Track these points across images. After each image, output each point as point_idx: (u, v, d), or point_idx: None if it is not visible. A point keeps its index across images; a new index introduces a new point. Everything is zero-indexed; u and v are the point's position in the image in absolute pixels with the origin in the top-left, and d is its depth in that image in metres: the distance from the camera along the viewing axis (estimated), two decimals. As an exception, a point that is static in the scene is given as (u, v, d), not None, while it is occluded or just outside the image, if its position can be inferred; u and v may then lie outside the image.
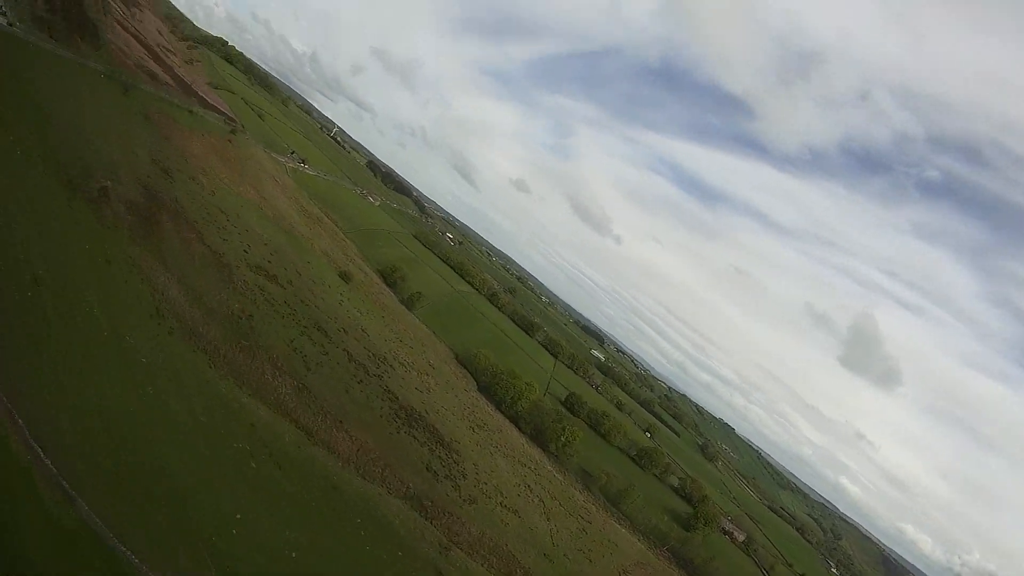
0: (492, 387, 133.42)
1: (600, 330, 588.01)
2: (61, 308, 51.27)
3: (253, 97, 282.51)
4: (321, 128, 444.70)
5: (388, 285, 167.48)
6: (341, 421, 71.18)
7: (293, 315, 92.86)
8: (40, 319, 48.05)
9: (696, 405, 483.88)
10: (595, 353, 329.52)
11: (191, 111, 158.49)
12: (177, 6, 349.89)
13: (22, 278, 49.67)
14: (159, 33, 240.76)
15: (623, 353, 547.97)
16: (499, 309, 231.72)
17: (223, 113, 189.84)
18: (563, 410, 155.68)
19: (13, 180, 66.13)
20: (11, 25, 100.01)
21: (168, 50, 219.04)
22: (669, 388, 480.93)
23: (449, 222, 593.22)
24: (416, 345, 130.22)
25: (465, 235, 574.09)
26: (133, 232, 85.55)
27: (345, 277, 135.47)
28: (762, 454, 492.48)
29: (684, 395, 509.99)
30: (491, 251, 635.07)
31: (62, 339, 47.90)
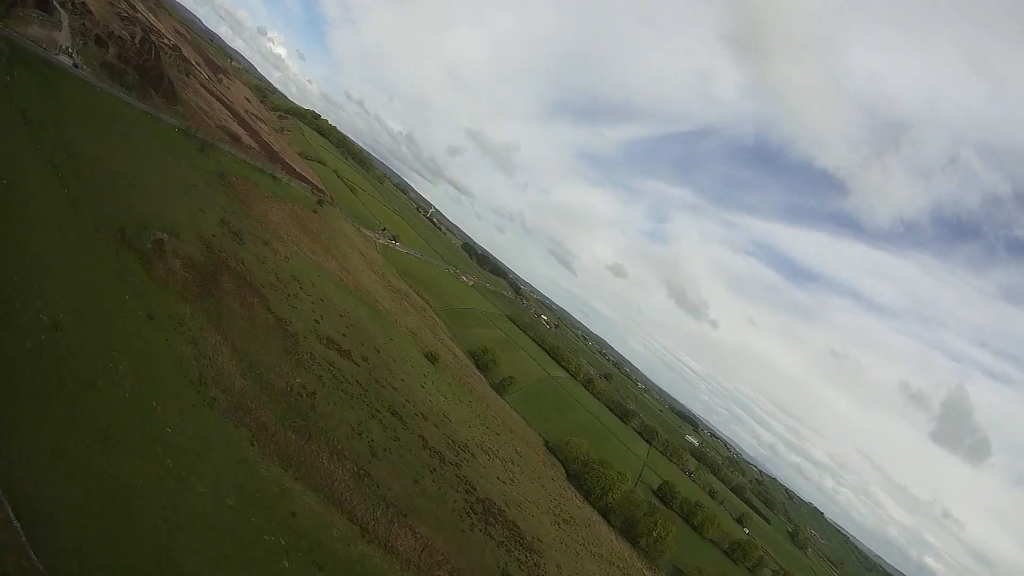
0: (582, 476, 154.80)
1: (695, 415, 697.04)
2: (78, 360, 52.41)
3: (346, 171, 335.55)
4: (417, 208, 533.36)
5: (479, 368, 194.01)
6: (405, 515, 74.76)
7: (364, 396, 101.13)
8: (49, 368, 48.30)
9: (786, 489, 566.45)
10: (689, 438, 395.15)
11: (275, 177, 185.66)
12: (271, 80, 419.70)
13: (37, 321, 51.01)
14: (247, 100, 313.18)
15: (716, 438, 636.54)
16: (594, 396, 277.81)
17: (311, 183, 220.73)
18: (656, 502, 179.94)
19: (54, 223, 74.20)
20: (76, 67, 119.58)
21: (257, 117, 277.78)
22: (760, 472, 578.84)
23: (545, 305, 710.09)
24: (504, 432, 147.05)
25: (561, 318, 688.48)
26: (186, 289, 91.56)
27: (431, 358, 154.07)
28: (850, 539, 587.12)
29: (775, 479, 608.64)
30: (587, 335, 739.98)
31: (72, 395, 48.11)
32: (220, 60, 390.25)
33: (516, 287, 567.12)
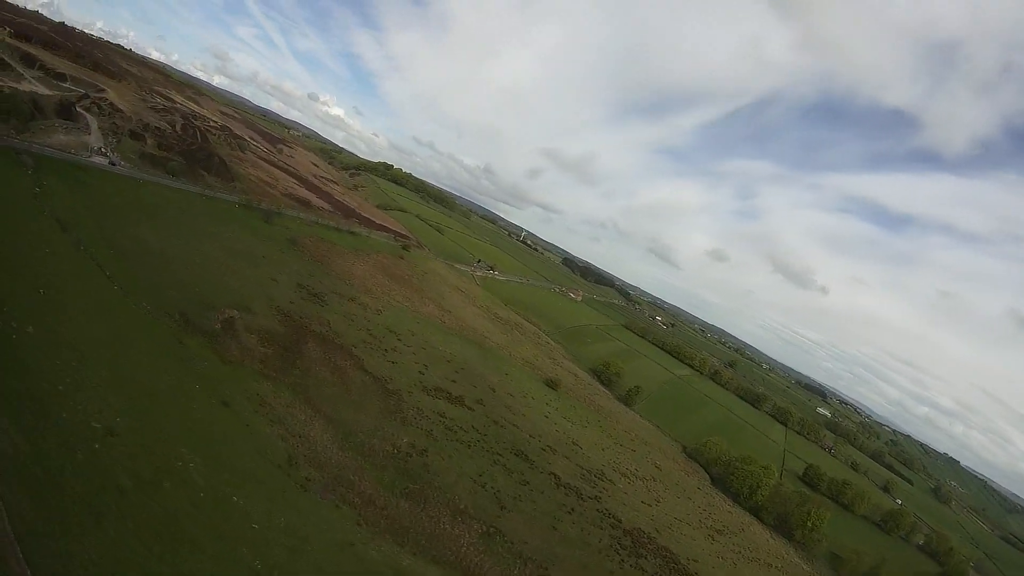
0: (726, 478, 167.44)
1: (821, 385, 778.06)
2: (139, 463, 53.97)
3: (428, 214, 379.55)
4: (509, 234, 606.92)
5: (603, 384, 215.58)
6: (546, 568, 76.69)
7: (483, 441, 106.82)
8: (103, 478, 49.68)
9: (920, 444, 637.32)
10: (821, 411, 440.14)
11: (353, 232, 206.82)
12: (336, 141, 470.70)
13: (89, 429, 53.43)
14: (314, 165, 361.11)
15: (846, 404, 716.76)
16: (722, 387, 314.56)
17: (392, 231, 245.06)
18: (804, 489, 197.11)
19: (102, 320, 79.37)
20: (113, 164, 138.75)
21: (327, 179, 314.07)
22: (893, 431, 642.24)
23: (657, 305, 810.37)
24: (639, 447, 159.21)
25: (675, 316, 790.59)
26: (266, 366, 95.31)
27: (552, 384, 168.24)
28: (988, 482, 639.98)
29: (908, 435, 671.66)
30: (704, 328, 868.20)
31: (133, 502, 48.93)
32: (277, 132, 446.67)
33: (625, 293, 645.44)
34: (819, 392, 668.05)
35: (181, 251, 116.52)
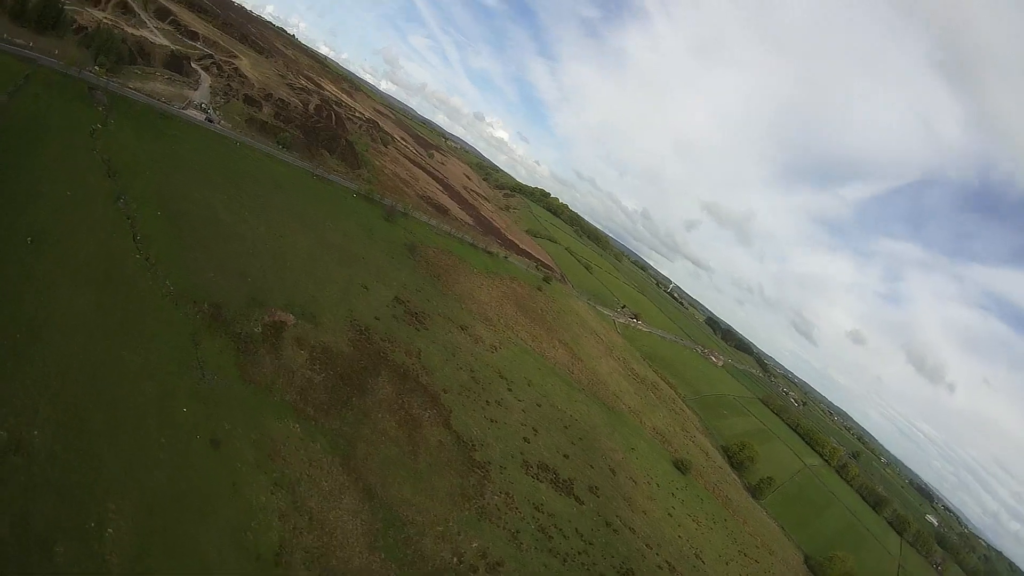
0: None
1: (928, 485, 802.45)
2: (34, 514, 46.19)
3: (580, 249, 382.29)
4: (657, 284, 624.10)
5: (734, 467, 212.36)
6: None
7: (585, 554, 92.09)
8: None
9: (1009, 562, 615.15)
10: (929, 518, 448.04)
11: (490, 252, 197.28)
12: (497, 164, 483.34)
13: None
14: (467, 177, 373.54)
15: (949, 511, 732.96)
16: (848, 483, 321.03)
17: (537, 260, 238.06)
18: None
19: (97, 291, 69.97)
20: (209, 121, 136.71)
21: (477, 194, 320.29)
22: (987, 545, 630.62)
23: (788, 379, 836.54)
24: (764, 557, 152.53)
25: (805, 393, 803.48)
26: (305, 398, 78.37)
27: (683, 467, 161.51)
28: None
29: (999, 552, 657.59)
30: (830, 409, 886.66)
31: None
32: (432, 139, 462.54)
33: (763, 364, 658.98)
34: (927, 494, 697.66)
35: (254, 229, 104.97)
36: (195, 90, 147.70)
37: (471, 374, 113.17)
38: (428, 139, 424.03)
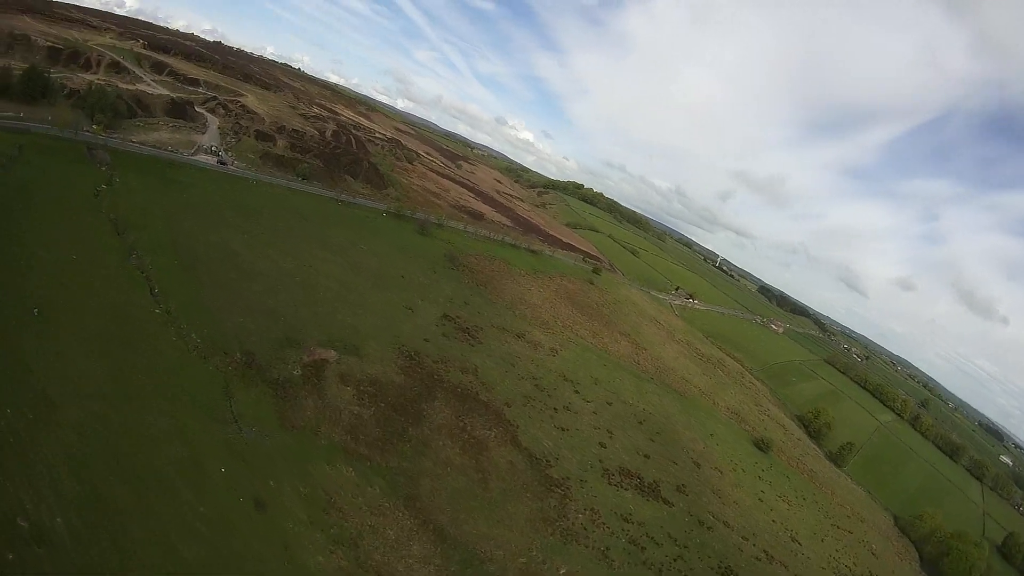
0: (938, 560, 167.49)
1: (995, 424, 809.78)
2: None
3: (622, 235, 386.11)
4: (704, 259, 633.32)
5: (811, 437, 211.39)
6: None
7: (682, 559, 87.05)
8: None
9: None
10: (1004, 459, 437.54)
11: (533, 251, 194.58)
12: (527, 165, 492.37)
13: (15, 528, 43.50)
14: (498, 181, 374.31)
15: (1020, 448, 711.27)
16: (922, 434, 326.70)
17: (582, 251, 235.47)
18: (1006, 566, 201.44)
19: (114, 354, 65.69)
20: (222, 164, 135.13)
21: (511, 196, 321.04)
22: None
23: (848, 336, 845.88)
24: (856, 526, 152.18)
25: (865, 347, 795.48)
26: (355, 437, 72.80)
27: (763, 445, 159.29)
28: None
29: None
30: (891, 359, 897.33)
31: None
32: (458, 150, 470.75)
33: (820, 324, 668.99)
34: (995, 433, 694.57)
35: (279, 265, 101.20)
36: (203, 134, 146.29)
37: (534, 382, 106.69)
38: (454, 151, 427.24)
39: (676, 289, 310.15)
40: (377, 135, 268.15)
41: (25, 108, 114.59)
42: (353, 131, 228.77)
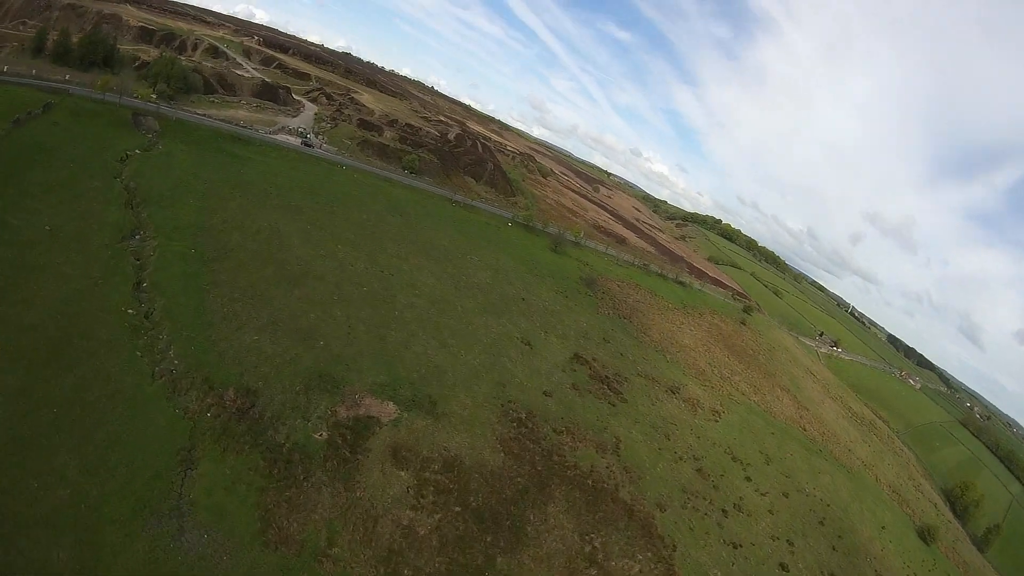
0: None
1: None
2: None
3: (763, 274, 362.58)
4: (838, 304, 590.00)
5: (955, 514, 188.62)
6: None
7: None
8: None
9: None
10: None
11: (682, 283, 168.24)
12: (660, 198, 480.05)
13: None
14: (636, 209, 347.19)
15: None
16: None
17: (730, 288, 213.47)
18: None
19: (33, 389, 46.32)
20: (307, 145, 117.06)
21: (650, 225, 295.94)
22: None
23: (969, 392, 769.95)
24: None
25: (985, 407, 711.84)
26: (396, 567, 44.29)
27: (927, 536, 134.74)
28: None
29: None
30: (1007, 420, 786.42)
31: None
32: (595, 174, 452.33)
33: (945, 379, 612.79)
34: None
35: (346, 265, 74.65)
36: (294, 117, 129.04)
37: (695, 464, 74.04)
38: (590, 174, 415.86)
39: (820, 335, 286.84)
40: (508, 148, 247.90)
41: (81, 75, 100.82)
42: (480, 140, 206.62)
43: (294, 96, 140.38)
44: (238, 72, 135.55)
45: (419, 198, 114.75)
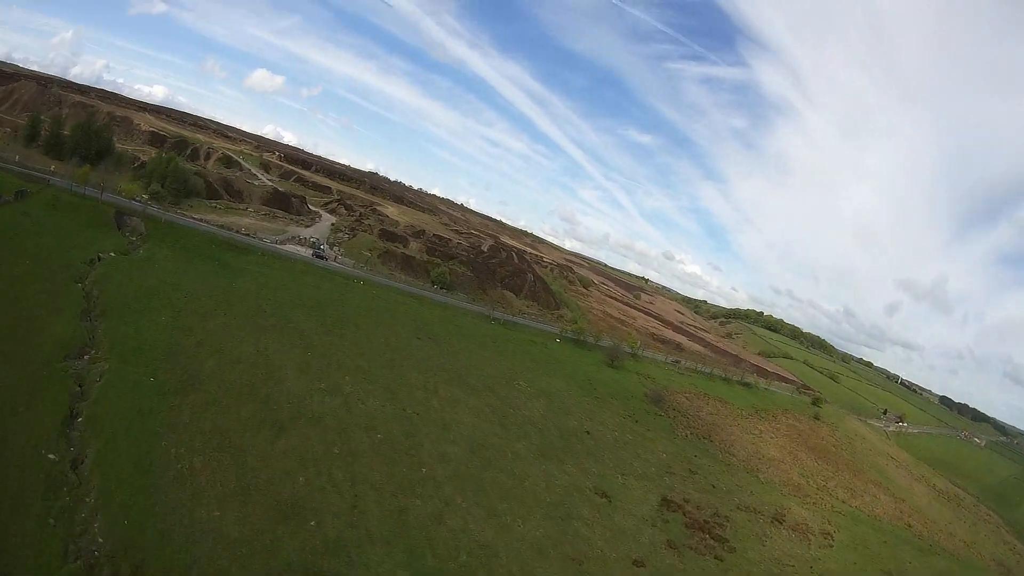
0: None
1: None
2: None
3: (815, 360, 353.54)
4: (887, 377, 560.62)
5: None
6: None
7: None
8: None
9: None
10: None
11: (745, 384, 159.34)
12: (695, 299, 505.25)
13: None
14: (679, 312, 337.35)
15: None
16: None
17: (792, 381, 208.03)
18: None
19: None
20: (319, 257, 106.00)
21: (695, 326, 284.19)
22: None
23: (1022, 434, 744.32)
24: None
25: None
26: None
27: None
28: None
29: None
30: None
31: None
32: (632, 281, 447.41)
33: (1001, 428, 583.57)
34: None
35: (354, 404, 56.78)
36: (307, 227, 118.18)
37: None
38: (627, 281, 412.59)
39: (884, 412, 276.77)
40: (545, 259, 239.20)
41: (74, 169, 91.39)
42: (515, 252, 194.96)
43: (309, 206, 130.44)
44: (248, 180, 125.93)
45: (451, 316, 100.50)
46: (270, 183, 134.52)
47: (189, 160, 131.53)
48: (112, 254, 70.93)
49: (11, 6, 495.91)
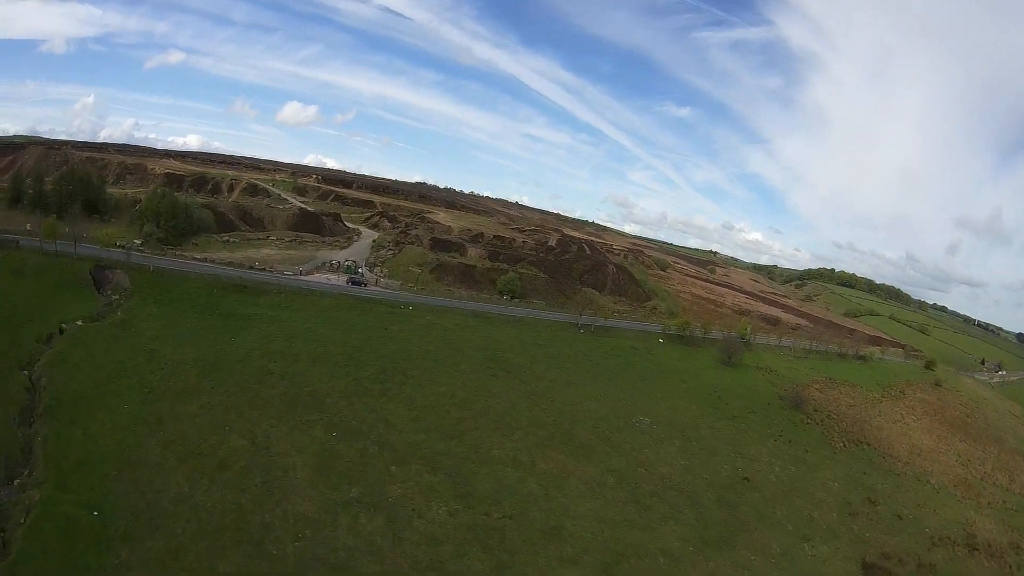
0: None
1: None
2: None
3: (902, 314, 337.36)
4: (964, 321, 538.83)
5: None
6: None
7: None
8: None
9: None
10: None
11: (861, 357, 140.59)
12: (761, 263, 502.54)
13: None
14: (755, 281, 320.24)
15: None
16: None
17: (898, 344, 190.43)
18: None
19: None
20: (356, 283, 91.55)
21: (775, 294, 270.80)
22: None
23: None
24: None
25: None
26: None
27: None
28: None
29: None
30: None
31: None
32: (701, 256, 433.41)
33: None
34: None
35: (390, 526, 37.76)
36: (343, 248, 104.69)
37: None
38: (697, 257, 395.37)
39: (983, 363, 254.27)
40: (615, 247, 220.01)
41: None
42: (583, 242, 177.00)
43: (346, 223, 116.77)
44: (272, 205, 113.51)
45: (530, 334, 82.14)
46: (299, 204, 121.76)
47: (211, 195, 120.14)
48: (79, 323, 58.01)
49: (24, 81, 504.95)
